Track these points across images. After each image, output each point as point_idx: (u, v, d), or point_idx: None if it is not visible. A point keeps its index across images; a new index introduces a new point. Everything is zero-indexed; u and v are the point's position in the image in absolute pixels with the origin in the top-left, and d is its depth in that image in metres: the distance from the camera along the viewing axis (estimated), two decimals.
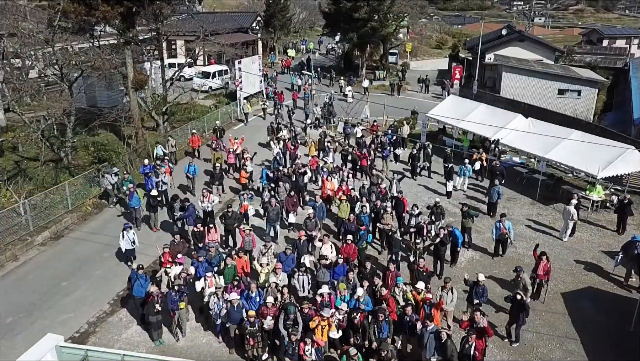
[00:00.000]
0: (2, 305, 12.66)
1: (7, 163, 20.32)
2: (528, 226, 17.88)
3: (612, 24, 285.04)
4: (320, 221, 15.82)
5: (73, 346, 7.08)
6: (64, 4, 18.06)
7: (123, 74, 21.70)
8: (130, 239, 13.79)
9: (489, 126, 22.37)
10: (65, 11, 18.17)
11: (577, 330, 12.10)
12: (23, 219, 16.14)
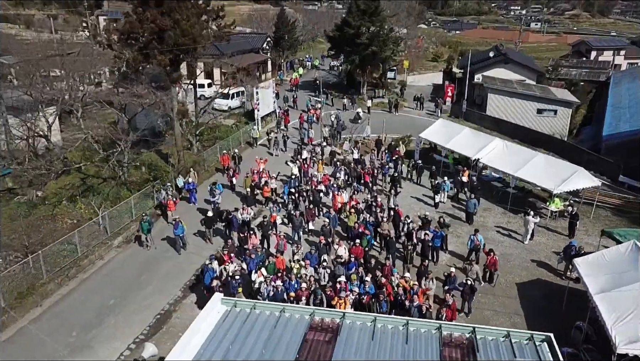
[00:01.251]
0: (104, 291, 17.20)
1: (75, 180, 24.82)
2: (498, 231, 22.45)
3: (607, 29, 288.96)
4: (333, 228, 20.40)
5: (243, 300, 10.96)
6: (130, 56, 22.65)
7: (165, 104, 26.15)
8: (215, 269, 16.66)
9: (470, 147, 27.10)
10: (129, 60, 22.74)
11: (523, 309, 16.66)
12: (101, 227, 20.66)
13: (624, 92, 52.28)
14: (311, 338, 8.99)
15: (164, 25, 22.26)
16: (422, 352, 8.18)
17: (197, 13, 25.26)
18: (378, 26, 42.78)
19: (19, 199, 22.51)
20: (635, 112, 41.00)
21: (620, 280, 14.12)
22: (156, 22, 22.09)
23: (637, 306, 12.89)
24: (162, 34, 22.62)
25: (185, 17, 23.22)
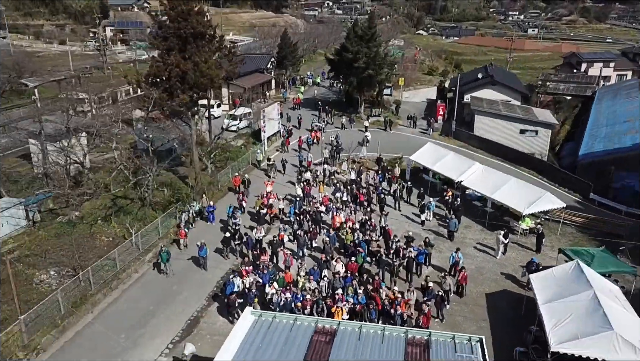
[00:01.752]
0: (143, 300, 20.72)
1: (106, 201, 28.31)
2: (475, 247, 25.97)
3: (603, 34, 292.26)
4: (332, 246, 23.92)
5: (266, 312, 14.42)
6: (157, 95, 26.23)
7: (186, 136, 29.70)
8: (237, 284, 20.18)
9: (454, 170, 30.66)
10: (156, 99, 26.30)
11: (490, 316, 20.18)
12: (134, 245, 24.17)
13: (604, 109, 55.86)
14: (316, 339, 12.48)
15: (186, 68, 25.80)
16: (392, 350, 11.67)
17: (212, 51, 28.81)
18: (374, 51, 46.25)
19: (61, 219, 26.01)
20: (610, 132, 44.52)
21: (562, 293, 17.65)
22: (180, 66, 25.63)
23: (573, 314, 16.41)
24: (184, 76, 26.16)
25: (203, 60, 26.77)
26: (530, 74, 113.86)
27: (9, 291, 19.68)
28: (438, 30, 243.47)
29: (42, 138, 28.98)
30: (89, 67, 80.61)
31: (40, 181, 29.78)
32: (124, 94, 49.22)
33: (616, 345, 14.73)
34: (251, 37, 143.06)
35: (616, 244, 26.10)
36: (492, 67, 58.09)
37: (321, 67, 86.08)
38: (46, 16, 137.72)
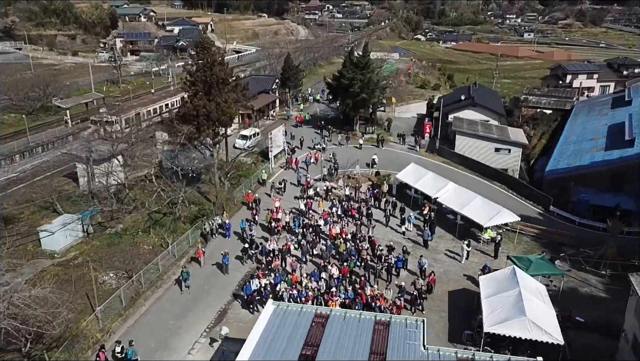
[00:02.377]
0: (182, 296, 26.77)
1: (144, 215, 34.33)
2: (445, 254, 32.03)
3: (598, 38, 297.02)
4: (329, 253, 29.94)
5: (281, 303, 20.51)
6: (187, 131, 32.30)
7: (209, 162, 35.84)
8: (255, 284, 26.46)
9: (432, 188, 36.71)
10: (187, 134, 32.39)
11: (450, 308, 26.22)
12: (170, 252, 30.21)
13: (577, 125, 61.76)
14: (315, 321, 18.47)
15: (210, 109, 31.84)
16: (365, 327, 17.65)
17: (231, 91, 34.85)
18: (367, 77, 52.27)
19: (109, 231, 32.06)
20: (575, 149, 50.45)
21: (498, 290, 23.69)
22: (206, 107, 31.67)
23: (502, 305, 22.42)
24: (209, 114, 32.20)
25: (224, 100, 32.81)
26: (520, 83, 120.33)
27: (80, 289, 25.85)
28: (436, 35, 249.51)
29: (91, 163, 35.01)
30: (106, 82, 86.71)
31: (86, 199, 35.83)
32: (146, 114, 55.19)
33: (528, 327, 20.76)
34: (255, 45, 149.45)
35: (561, 251, 32.29)
36: (476, 87, 64.09)
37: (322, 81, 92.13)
38: (58, 26, 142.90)
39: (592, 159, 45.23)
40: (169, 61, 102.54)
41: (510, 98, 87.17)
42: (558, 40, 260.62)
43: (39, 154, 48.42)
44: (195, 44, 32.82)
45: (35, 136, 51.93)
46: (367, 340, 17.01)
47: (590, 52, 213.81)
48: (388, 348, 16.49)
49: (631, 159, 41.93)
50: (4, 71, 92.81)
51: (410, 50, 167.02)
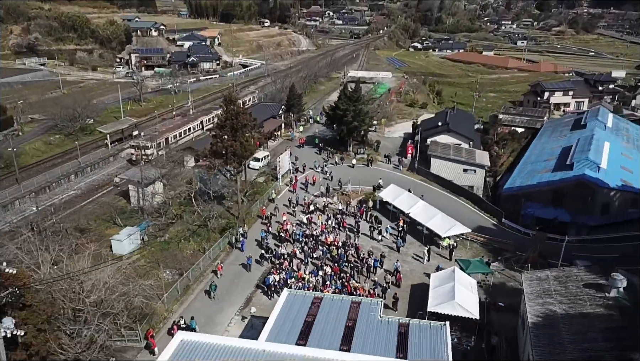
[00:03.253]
0: (219, 288, 37.21)
1: (184, 227, 44.76)
2: (412, 257, 42.48)
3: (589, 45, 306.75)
4: (325, 257, 40.43)
5: (293, 290, 31.07)
6: (218, 164, 42.81)
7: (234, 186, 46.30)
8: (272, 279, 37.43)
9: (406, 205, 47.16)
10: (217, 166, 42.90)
11: (410, 297, 36.71)
12: (207, 256, 40.65)
13: (539, 145, 72.01)
14: (314, 302, 28.92)
15: (235, 147, 42.32)
16: (345, 306, 28.07)
17: (250, 130, 45.27)
18: (359, 108, 62.69)
19: (159, 240, 42.54)
20: (531, 169, 60.75)
21: (442, 283, 34.13)
22: (233, 146, 42.16)
23: (443, 294, 32.82)
24: (235, 151, 42.68)
25: (245, 140, 43.29)
26: (503, 97, 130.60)
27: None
28: (432, 43, 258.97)
29: (142, 185, 45.52)
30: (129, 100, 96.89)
31: (137, 214, 46.34)
32: (173, 138, 65.63)
33: (456, 307, 31.18)
34: (259, 58, 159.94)
35: (500, 255, 42.80)
36: (453, 111, 74.46)
37: (322, 99, 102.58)
38: (75, 41, 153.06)
39: (540, 180, 55.61)
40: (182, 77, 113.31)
41: (490, 115, 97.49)
42: (550, 48, 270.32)
43: (88, 173, 58.84)
44: (224, 98, 43.15)
45: (84, 158, 62.24)
46: (345, 312, 27.42)
47: (579, 61, 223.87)
48: (358, 317, 26.89)
49: (569, 181, 52.35)
50: (37, 90, 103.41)
51: (406, 62, 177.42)
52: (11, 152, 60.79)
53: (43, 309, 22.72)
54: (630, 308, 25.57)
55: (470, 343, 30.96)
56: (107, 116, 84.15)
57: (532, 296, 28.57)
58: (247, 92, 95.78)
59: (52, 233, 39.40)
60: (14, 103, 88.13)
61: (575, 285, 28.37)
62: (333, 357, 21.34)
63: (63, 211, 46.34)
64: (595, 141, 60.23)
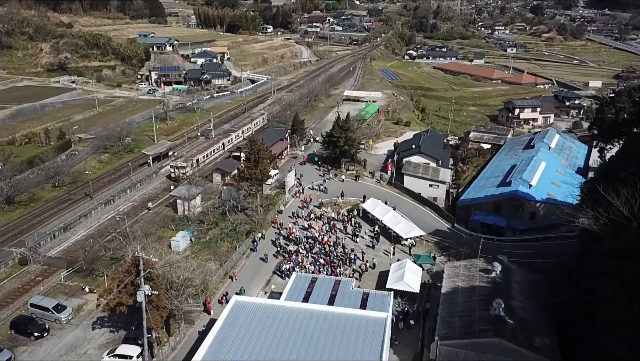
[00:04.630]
0: (248, 274, 54.36)
1: (219, 231, 61.76)
2: (383, 252, 59.62)
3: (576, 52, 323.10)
4: (321, 252, 57.61)
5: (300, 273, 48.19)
6: (245, 185, 59.77)
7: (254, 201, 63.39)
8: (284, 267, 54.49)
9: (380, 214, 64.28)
10: (245, 187, 59.89)
11: (378, 279, 53.85)
12: (238, 252, 57.75)
13: (495, 162, 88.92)
14: (312, 281, 45.92)
15: (257, 174, 59.31)
16: (331, 283, 44.99)
17: (267, 160, 62.32)
18: (349, 136, 79.68)
19: (202, 241, 59.62)
20: (482, 185, 77.67)
21: (398, 270, 51.24)
22: (255, 173, 59.15)
23: (397, 277, 49.88)
24: (256, 177, 59.68)
25: (264, 168, 60.32)
26: (483, 111, 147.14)
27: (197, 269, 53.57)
28: (426, 51, 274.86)
29: (188, 199, 62.64)
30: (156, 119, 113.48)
31: (183, 221, 63.42)
32: (203, 158, 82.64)
33: (405, 285, 48.25)
34: (265, 72, 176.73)
35: (445, 250, 59.89)
36: (427, 133, 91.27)
37: (322, 116, 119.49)
38: (99, 58, 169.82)
39: (486, 193, 72.61)
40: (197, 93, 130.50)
41: (465, 132, 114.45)
42: (537, 55, 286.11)
43: (139, 188, 75.85)
44: (249, 141, 60.24)
45: (132, 177, 79.20)
46: (331, 287, 44.46)
47: (562, 70, 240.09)
48: (339, 289, 43.96)
49: (506, 195, 69.29)
50: (75, 109, 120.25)
51: (398, 74, 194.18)
52: (74, 169, 78.40)
53: (160, 281, 39.61)
54: (501, 283, 42.63)
55: (413, 307, 48.03)
56: (141, 135, 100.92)
57: (448, 277, 45.74)
58: (258, 113, 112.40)
59: (127, 235, 56.52)
60: (61, 122, 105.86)
61: (475, 270, 45.51)
62: (322, 309, 38.55)
63: (128, 219, 63.33)
64: (534, 161, 77.20)
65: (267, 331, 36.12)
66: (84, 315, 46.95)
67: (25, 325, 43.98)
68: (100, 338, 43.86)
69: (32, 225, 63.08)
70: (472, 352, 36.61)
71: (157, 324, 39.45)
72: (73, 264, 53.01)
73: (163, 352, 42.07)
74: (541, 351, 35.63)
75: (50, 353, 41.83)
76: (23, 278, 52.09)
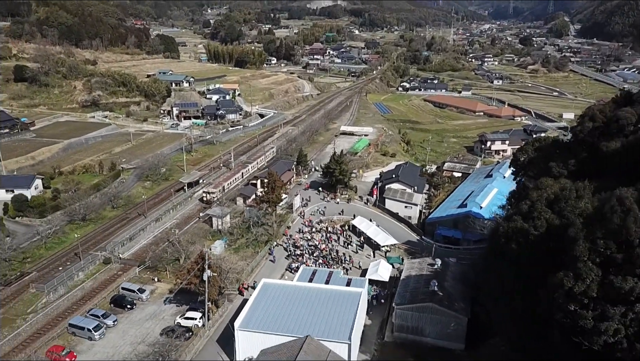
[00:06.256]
0: (267, 270, 75.64)
1: (245, 240, 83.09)
2: (366, 256, 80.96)
3: (559, 83, 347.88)
4: (320, 256, 79.03)
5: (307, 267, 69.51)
6: (265, 207, 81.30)
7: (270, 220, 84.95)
8: (292, 266, 76.01)
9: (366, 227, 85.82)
10: (263, 208, 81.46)
11: (360, 274, 75.11)
12: (260, 256, 79.06)
13: (461, 188, 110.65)
14: (314, 273, 67.12)
15: (273, 199, 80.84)
16: (326, 273, 66.17)
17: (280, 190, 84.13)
18: (343, 168, 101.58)
19: (232, 247, 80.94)
20: (447, 206, 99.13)
21: (374, 266, 72.52)
22: (272, 198, 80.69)
23: (375, 271, 71.11)
24: (273, 200, 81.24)
25: (279, 194, 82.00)
26: (461, 142, 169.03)
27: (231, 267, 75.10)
28: (418, 83, 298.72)
29: (222, 217, 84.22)
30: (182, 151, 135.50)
31: (218, 233, 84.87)
32: (228, 185, 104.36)
33: (378, 276, 69.47)
34: (272, 107, 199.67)
35: (411, 254, 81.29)
36: (406, 165, 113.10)
37: (321, 148, 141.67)
38: (125, 94, 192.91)
39: (448, 213, 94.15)
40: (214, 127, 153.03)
41: (441, 162, 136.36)
42: (521, 87, 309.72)
43: (179, 209, 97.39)
44: (268, 174, 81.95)
45: (173, 200, 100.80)
46: (326, 275, 65.62)
47: (542, 102, 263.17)
48: (332, 276, 65.14)
49: (462, 214, 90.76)
50: (113, 142, 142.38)
51: (390, 108, 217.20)
52: (125, 194, 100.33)
53: (214, 268, 60.91)
54: (439, 272, 63.96)
55: (384, 291, 69.12)
56: (173, 165, 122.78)
57: (406, 269, 67.14)
58: (269, 147, 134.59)
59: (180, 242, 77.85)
60: (104, 154, 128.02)
61: (424, 264, 66.88)
62: (320, 287, 59.95)
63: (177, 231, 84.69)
64: (487, 188, 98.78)
65: (285, 300, 57.46)
66: (156, 296, 68.21)
67: (120, 301, 65.29)
68: (170, 310, 64.99)
69: (104, 236, 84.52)
70: (415, 313, 57.83)
71: (213, 296, 60.77)
72: (143, 262, 74.43)
73: (214, 318, 63.16)
74: (458, 310, 56.86)
75: (140, 318, 63.00)
76: (109, 272, 73.32)
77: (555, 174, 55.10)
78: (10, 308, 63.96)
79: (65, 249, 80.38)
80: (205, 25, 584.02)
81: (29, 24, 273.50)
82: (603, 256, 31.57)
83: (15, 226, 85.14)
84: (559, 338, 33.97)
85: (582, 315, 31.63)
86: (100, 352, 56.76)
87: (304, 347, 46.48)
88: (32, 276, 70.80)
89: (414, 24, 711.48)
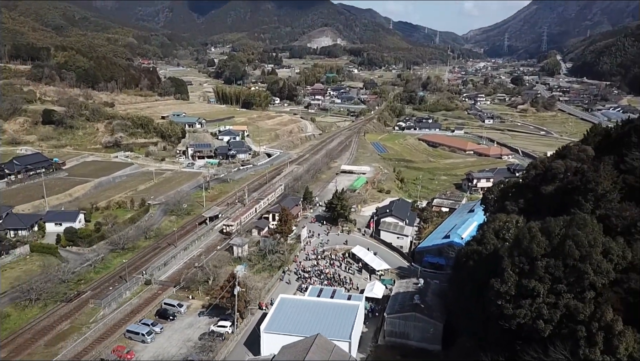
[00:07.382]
0: (282, 289, 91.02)
1: (261, 266, 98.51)
2: (363, 279, 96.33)
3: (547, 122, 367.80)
4: (325, 279, 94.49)
5: (313, 285, 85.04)
6: (279, 237, 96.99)
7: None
8: (302, 287, 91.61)
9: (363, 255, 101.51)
10: (279, 238, 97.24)
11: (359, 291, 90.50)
12: (274, 278, 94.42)
13: (447, 221, 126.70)
14: (320, 290, 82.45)
15: (285, 230, 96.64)
16: (330, 291, 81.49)
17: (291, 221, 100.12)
18: (344, 204, 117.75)
19: (251, 271, 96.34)
20: (434, 237, 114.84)
21: (370, 287, 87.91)
22: (284, 230, 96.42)
23: (369, 290, 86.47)
24: (285, 231, 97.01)
25: (290, 226, 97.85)
26: (451, 180, 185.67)
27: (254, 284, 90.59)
28: (413, 123, 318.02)
29: (242, 246, 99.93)
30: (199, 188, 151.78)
31: (238, 259, 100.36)
32: (244, 218, 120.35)
33: (373, 294, 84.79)
34: (278, 146, 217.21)
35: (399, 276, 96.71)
36: (399, 201, 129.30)
37: (324, 185, 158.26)
38: (143, 135, 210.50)
39: (433, 243, 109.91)
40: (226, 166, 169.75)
41: (432, 198, 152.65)
42: (510, 126, 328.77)
43: (202, 240, 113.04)
44: (280, 209, 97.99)
45: (197, 231, 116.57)
46: (330, 292, 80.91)
47: (529, 140, 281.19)
48: (335, 293, 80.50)
49: (445, 244, 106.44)
50: (136, 180, 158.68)
51: (386, 147, 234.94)
52: (155, 227, 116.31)
53: (242, 285, 76.40)
54: (422, 289, 79.39)
55: (378, 306, 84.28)
56: (193, 201, 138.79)
57: (396, 287, 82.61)
58: (277, 184, 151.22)
59: (207, 267, 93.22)
60: (131, 192, 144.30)
61: (410, 283, 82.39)
62: (326, 300, 75.40)
63: (204, 258, 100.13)
64: (468, 222, 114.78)
65: (299, 310, 72.84)
66: (192, 310, 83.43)
67: (164, 313, 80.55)
68: (204, 321, 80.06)
69: (142, 262, 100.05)
70: (402, 321, 73.11)
71: (241, 308, 76.11)
72: (178, 283, 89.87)
73: (241, 326, 78.22)
74: (435, 318, 72.16)
75: (180, 327, 78.12)
76: (150, 291, 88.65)
77: (509, 210, 71.44)
78: (75, 318, 79.11)
79: (111, 273, 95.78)
80: (210, 64, 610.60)
81: (49, 67, 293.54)
82: (518, 267, 47.45)
83: (67, 254, 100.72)
84: (493, 324, 49.48)
85: (505, 306, 47.22)
86: (152, 352, 71.70)
87: (315, 342, 61.64)
88: (88, 294, 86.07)
89: (411, 62, 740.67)
